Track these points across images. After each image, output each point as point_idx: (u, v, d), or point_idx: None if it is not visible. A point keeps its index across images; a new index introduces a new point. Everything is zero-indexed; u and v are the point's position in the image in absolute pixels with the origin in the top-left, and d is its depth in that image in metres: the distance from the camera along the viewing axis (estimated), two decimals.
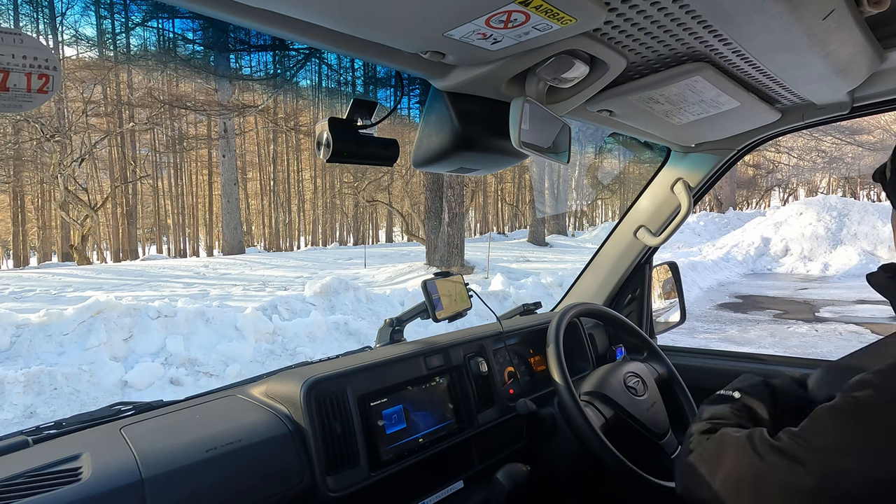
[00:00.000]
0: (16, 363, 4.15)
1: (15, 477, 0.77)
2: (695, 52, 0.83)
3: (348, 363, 1.14)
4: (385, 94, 0.98)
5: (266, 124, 19.00)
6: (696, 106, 1.05)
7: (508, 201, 34.62)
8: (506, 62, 0.76)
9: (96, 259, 24.07)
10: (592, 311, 1.47)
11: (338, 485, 0.98)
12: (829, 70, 0.91)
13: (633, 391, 1.30)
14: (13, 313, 4.60)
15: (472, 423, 1.26)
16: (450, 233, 10.00)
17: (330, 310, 5.98)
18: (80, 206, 15.03)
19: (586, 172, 21.30)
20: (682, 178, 1.54)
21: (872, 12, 0.76)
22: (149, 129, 19.07)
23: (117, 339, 4.52)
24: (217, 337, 4.84)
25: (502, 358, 1.45)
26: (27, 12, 0.98)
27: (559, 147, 0.93)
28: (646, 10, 0.67)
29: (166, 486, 0.81)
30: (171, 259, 18.46)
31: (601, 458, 1.13)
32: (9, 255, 26.64)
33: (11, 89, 0.54)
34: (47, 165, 16.36)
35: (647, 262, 1.83)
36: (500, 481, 1.17)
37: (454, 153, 0.89)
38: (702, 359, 1.73)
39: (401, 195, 18.40)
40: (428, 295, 1.33)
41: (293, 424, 0.99)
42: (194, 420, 0.98)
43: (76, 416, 1.00)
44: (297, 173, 33.62)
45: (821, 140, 20.99)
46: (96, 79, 14.52)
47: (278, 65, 0.93)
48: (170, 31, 0.78)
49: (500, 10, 0.59)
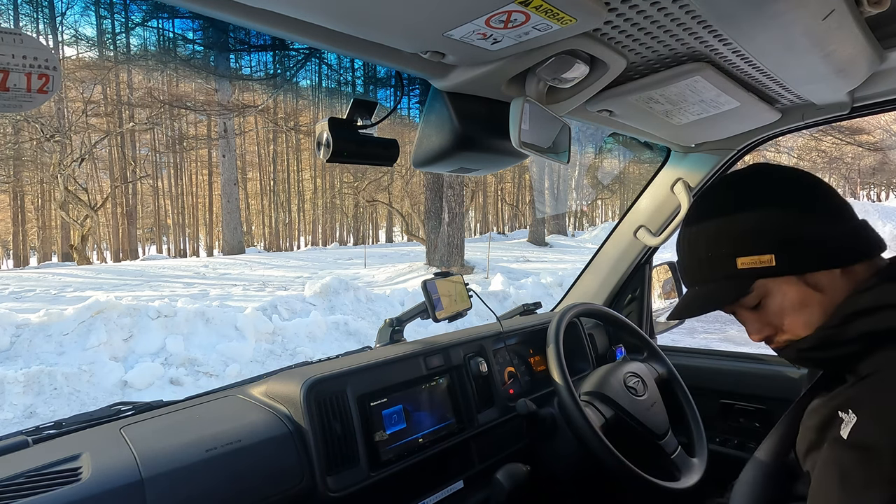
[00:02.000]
0: (16, 363, 4.15)
1: (15, 477, 0.77)
2: (695, 52, 0.83)
3: (348, 363, 1.14)
4: (385, 94, 0.99)
5: (266, 124, 19.00)
6: (696, 106, 1.05)
7: (508, 201, 34.62)
8: (506, 62, 0.76)
9: (96, 259, 24.07)
10: (592, 311, 1.47)
11: (338, 485, 0.98)
12: (829, 70, 0.91)
13: (633, 391, 1.30)
14: (13, 313, 4.60)
15: (472, 423, 1.26)
16: (450, 233, 10.00)
17: (330, 310, 5.98)
18: (80, 206, 15.03)
19: (586, 172, 21.31)
20: (682, 178, 1.54)
21: (872, 12, 0.76)
22: (149, 129, 19.07)
23: (117, 339, 4.52)
24: (217, 337, 4.84)
25: (502, 358, 1.45)
26: (27, 12, 0.98)
27: (559, 147, 0.93)
28: (646, 11, 0.67)
29: (166, 486, 0.81)
30: (171, 259, 18.46)
31: (601, 458, 1.13)
32: (9, 255, 26.64)
33: (11, 89, 0.54)
34: (47, 165, 16.38)
35: (647, 262, 1.83)
36: (500, 481, 1.17)
37: (454, 153, 0.89)
38: (702, 359, 1.73)
39: (401, 195, 18.41)
40: (428, 295, 1.33)
41: (293, 424, 0.99)
42: (194, 420, 0.98)
43: (76, 416, 1.00)
44: (297, 173, 33.62)
45: (821, 140, 20.97)
46: (96, 79, 14.52)
47: (278, 65, 0.93)
48: (170, 31, 0.78)
49: (500, 10, 0.59)
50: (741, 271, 0.74)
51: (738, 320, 0.81)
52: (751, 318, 0.79)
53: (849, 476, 0.63)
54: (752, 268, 0.73)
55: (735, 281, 0.75)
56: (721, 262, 0.76)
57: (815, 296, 0.73)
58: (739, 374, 1.62)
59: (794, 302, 0.73)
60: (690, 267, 0.81)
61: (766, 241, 0.73)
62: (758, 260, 0.73)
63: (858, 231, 0.74)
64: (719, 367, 1.67)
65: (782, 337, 0.77)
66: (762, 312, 0.77)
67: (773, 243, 0.72)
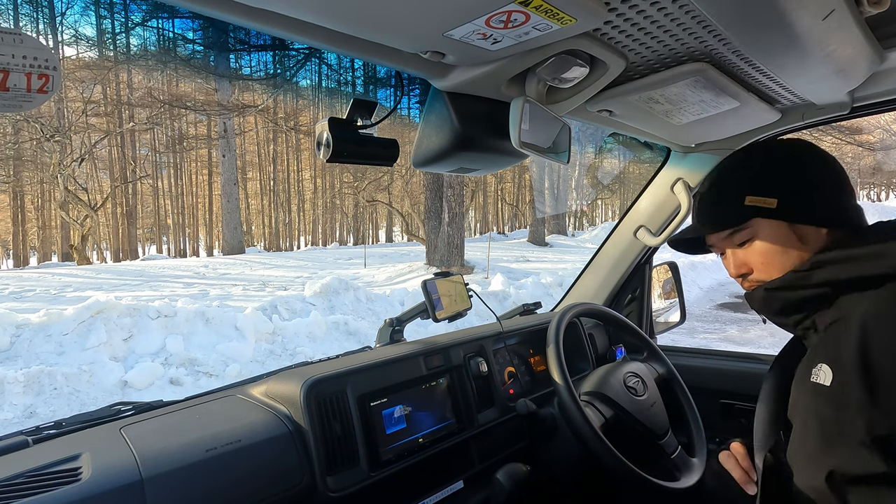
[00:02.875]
0: (16, 363, 4.15)
1: (15, 477, 0.77)
2: (695, 52, 0.83)
3: (348, 363, 1.14)
4: (385, 94, 0.98)
5: (266, 124, 19.01)
6: (696, 106, 1.05)
7: (508, 201, 34.62)
8: (506, 62, 0.76)
9: (96, 259, 24.07)
10: (592, 311, 1.47)
11: (338, 485, 0.98)
12: (829, 70, 0.91)
13: (633, 391, 1.30)
14: (13, 313, 4.60)
15: (472, 423, 1.26)
16: (450, 233, 9.99)
17: (330, 310, 5.98)
18: (80, 206, 15.03)
19: (586, 172, 21.31)
20: (682, 178, 1.54)
21: (872, 12, 0.76)
22: (149, 129, 19.08)
23: (117, 339, 4.52)
24: (217, 337, 4.84)
25: (502, 358, 1.45)
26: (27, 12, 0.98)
27: (559, 147, 0.93)
28: (646, 11, 0.67)
29: (166, 486, 0.81)
30: (171, 259, 18.46)
31: (601, 459, 1.13)
32: (9, 255, 26.64)
33: (11, 89, 0.54)
34: (47, 165, 16.37)
35: (647, 262, 1.83)
36: (500, 481, 1.17)
37: (454, 153, 0.89)
38: (702, 359, 1.73)
39: (401, 195, 18.41)
40: (428, 295, 1.33)
41: (293, 424, 0.99)
42: (194, 420, 0.98)
43: (76, 416, 1.00)
44: (297, 173, 33.63)
45: (821, 140, 20.96)
46: (96, 79, 14.52)
47: (278, 65, 0.93)
48: (170, 31, 0.78)
49: (500, 10, 0.59)
50: (746, 207, 0.85)
51: (723, 259, 0.93)
52: (735, 256, 0.90)
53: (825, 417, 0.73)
54: (755, 206, 0.84)
55: (738, 213, 0.86)
56: (732, 195, 0.87)
57: (797, 245, 0.84)
58: (739, 374, 1.62)
59: (778, 246, 0.85)
60: (705, 198, 0.92)
61: (775, 188, 0.84)
62: (763, 201, 0.84)
63: (854, 208, 0.85)
64: (719, 367, 1.67)
65: (756, 276, 0.88)
66: (746, 251, 0.88)
67: (780, 191, 0.83)
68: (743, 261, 0.89)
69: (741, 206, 0.86)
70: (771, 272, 0.86)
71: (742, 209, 0.86)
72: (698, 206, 0.94)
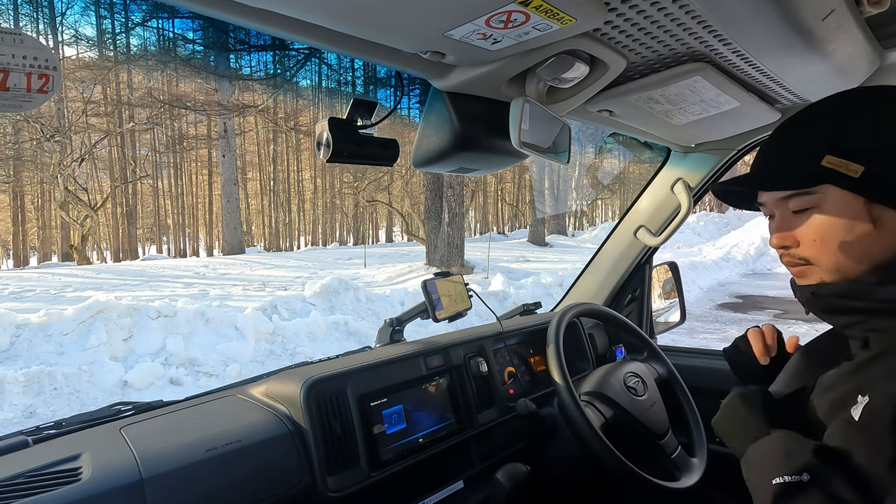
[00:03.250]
0: (16, 363, 4.15)
1: (15, 477, 0.77)
2: (695, 52, 0.83)
3: (348, 363, 1.14)
4: (385, 94, 0.98)
5: (266, 124, 19.00)
6: (696, 106, 1.05)
7: (508, 201, 34.63)
8: (506, 62, 0.76)
9: (96, 259, 24.07)
10: (592, 311, 1.47)
11: (338, 485, 0.98)
12: (829, 70, 0.91)
13: (633, 391, 1.30)
14: (13, 313, 4.60)
15: (472, 423, 1.26)
16: (450, 233, 10.00)
17: (330, 310, 5.98)
18: (80, 206, 15.03)
19: (586, 172, 21.32)
20: (682, 178, 1.54)
21: (872, 12, 0.76)
22: (149, 129, 19.07)
23: (117, 339, 4.52)
24: (217, 337, 4.84)
25: (502, 358, 1.45)
26: (27, 12, 0.98)
27: (559, 147, 0.93)
28: (646, 11, 0.67)
29: (166, 486, 0.81)
30: (171, 259, 18.46)
31: (601, 458, 1.13)
32: (9, 255, 26.63)
33: (11, 89, 0.54)
34: (47, 165, 16.36)
35: (647, 262, 1.83)
36: (500, 481, 1.17)
37: (454, 153, 0.89)
38: (702, 359, 1.73)
39: (401, 195, 18.41)
40: (428, 295, 1.33)
41: (293, 424, 0.99)
42: (194, 420, 0.98)
43: (76, 416, 1.00)
44: (297, 173, 33.63)
45: None
46: (96, 79, 14.52)
47: (278, 65, 0.93)
48: (170, 31, 0.78)
49: (500, 10, 0.59)
50: (821, 168, 0.67)
51: (770, 220, 0.76)
52: (783, 222, 0.73)
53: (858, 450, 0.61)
54: (834, 169, 0.66)
55: (809, 173, 0.68)
56: (807, 149, 0.69)
57: (868, 230, 0.66)
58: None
59: (843, 225, 0.67)
60: (774, 145, 0.74)
61: (867, 153, 0.65)
62: (846, 165, 0.65)
63: None
64: (719, 367, 1.67)
65: (802, 252, 0.71)
66: (802, 220, 0.70)
67: (872, 158, 0.65)
68: (792, 231, 0.71)
69: (815, 166, 0.67)
70: (821, 255, 0.69)
71: (815, 169, 0.67)
72: (762, 152, 0.76)
